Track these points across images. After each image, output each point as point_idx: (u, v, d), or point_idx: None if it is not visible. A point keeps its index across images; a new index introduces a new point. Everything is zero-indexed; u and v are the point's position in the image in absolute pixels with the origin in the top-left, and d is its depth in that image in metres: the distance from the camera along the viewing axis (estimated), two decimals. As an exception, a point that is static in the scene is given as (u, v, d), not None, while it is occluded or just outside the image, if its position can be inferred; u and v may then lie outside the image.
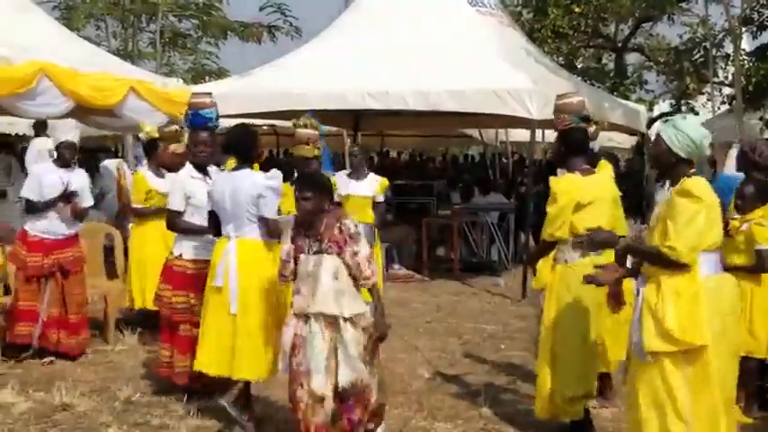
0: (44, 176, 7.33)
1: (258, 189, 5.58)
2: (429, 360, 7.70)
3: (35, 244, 7.33)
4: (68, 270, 7.48)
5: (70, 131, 7.55)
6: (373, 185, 8.61)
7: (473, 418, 6.08)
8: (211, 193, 5.79)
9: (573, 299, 5.44)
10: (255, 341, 5.52)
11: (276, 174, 5.74)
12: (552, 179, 5.51)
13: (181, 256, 6.20)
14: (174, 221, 6.25)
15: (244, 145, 5.80)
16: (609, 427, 5.93)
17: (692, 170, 4.44)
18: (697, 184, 4.36)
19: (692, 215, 4.29)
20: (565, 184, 5.45)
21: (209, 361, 5.59)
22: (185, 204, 6.18)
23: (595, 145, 6.37)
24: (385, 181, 8.72)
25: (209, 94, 6.57)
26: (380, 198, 8.68)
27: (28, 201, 7.37)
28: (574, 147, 5.56)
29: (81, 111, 8.92)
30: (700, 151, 4.42)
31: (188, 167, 6.30)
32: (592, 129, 6.10)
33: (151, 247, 7.91)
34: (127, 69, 10.30)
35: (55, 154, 7.46)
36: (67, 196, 7.28)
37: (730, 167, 6.90)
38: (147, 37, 20.05)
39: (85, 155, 19.88)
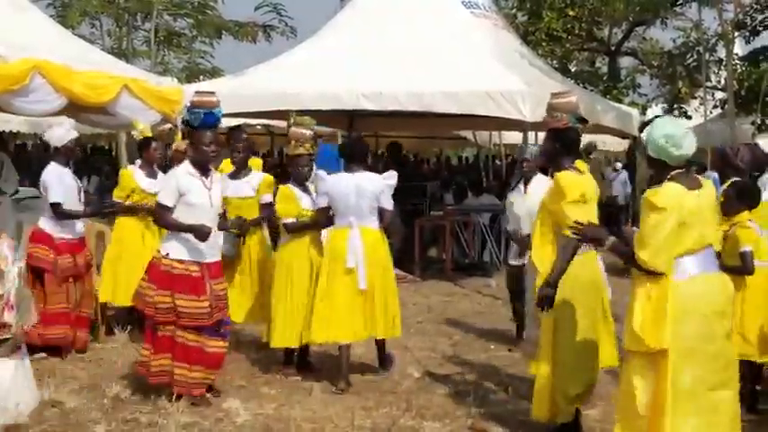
0: (64, 179, 7.44)
1: (381, 187, 6.89)
2: (419, 360, 7.73)
3: (63, 246, 7.41)
4: (90, 266, 7.67)
5: (73, 129, 7.62)
6: (255, 184, 7.62)
7: (461, 418, 6.09)
8: (330, 191, 6.86)
9: (571, 296, 5.45)
10: (382, 307, 6.88)
11: (393, 174, 7.08)
12: (560, 174, 5.40)
13: (168, 255, 6.15)
14: (162, 216, 6.21)
15: (362, 152, 7.12)
16: (597, 427, 5.95)
17: (675, 172, 4.47)
18: (660, 193, 4.41)
19: (654, 225, 4.38)
20: (573, 180, 5.40)
21: (344, 332, 6.76)
22: (176, 201, 6.14)
23: None
24: (269, 178, 7.82)
25: (214, 93, 6.54)
26: (267, 198, 7.62)
27: (58, 205, 7.36)
28: (569, 146, 5.56)
29: (74, 108, 8.92)
30: (664, 152, 4.45)
31: (185, 165, 6.28)
32: None
33: (128, 244, 8.09)
34: (122, 68, 10.30)
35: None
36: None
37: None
38: (142, 35, 20.05)
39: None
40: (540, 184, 7.22)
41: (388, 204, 6.97)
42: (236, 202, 7.38)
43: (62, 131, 7.50)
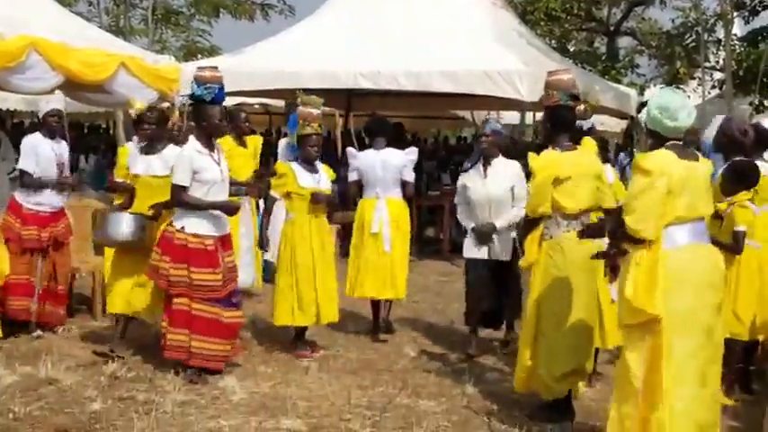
0: (39, 148, 7.37)
1: (404, 161, 7.82)
2: (415, 339, 7.77)
3: (30, 217, 7.36)
4: (61, 242, 7.56)
5: (55, 101, 7.58)
6: (169, 160, 6.65)
7: (457, 396, 6.12)
8: (360, 166, 7.81)
9: (559, 273, 5.47)
10: (401, 270, 7.79)
11: (414, 150, 8.04)
12: (531, 156, 5.57)
13: (183, 228, 6.17)
14: (181, 196, 6.19)
15: (385, 130, 8.06)
16: (593, 405, 5.97)
17: (670, 143, 4.47)
18: (649, 157, 4.42)
19: (641, 189, 4.38)
20: (542, 161, 5.52)
21: (372, 289, 7.68)
22: (191, 180, 6.15)
23: (585, 124, 6.36)
24: None
25: (218, 67, 6.51)
26: None
27: (25, 173, 7.37)
28: (560, 124, 5.59)
29: (70, 86, 8.89)
30: (659, 123, 4.46)
31: (192, 142, 6.26)
32: (582, 108, 6.11)
33: None
34: (119, 46, 10.26)
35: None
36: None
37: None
38: (140, 13, 19.99)
39: (76, 131, 19.89)
40: (503, 169, 7.16)
41: (410, 177, 7.91)
42: (146, 181, 6.89)
43: (43, 104, 7.52)
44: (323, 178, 7.13)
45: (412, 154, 7.92)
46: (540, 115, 14.38)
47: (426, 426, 5.52)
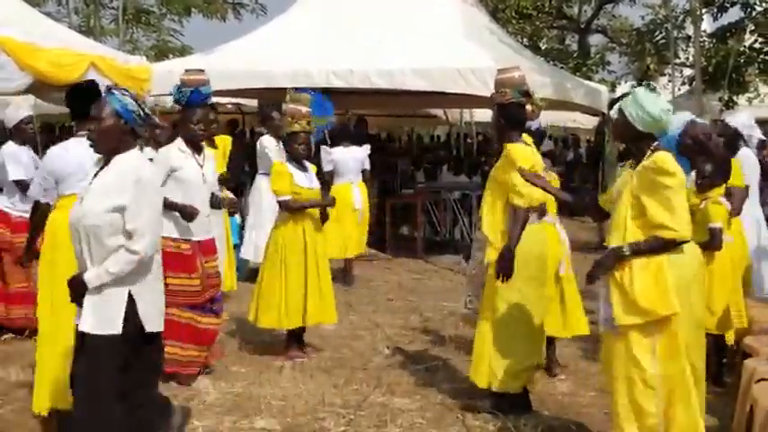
0: (20, 156, 7.34)
1: (364, 155, 10.69)
2: (389, 337, 7.77)
3: (20, 225, 7.18)
4: None
5: (25, 107, 7.53)
6: None
7: (431, 394, 6.15)
8: (335, 159, 10.36)
9: (516, 269, 5.48)
10: (362, 233, 10.71)
11: (368, 146, 10.92)
12: (510, 146, 5.47)
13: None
14: None
15: (350, 133, 10.86)
16: (565, 400, 6.02)
17: (656, 144, 4.48)
18: (667, 158, 4.40)
19: (675, 191, 4.35)
20: (523, 151, 5.47)
21: (351, 250, 10.41)
22: (165, 178, 6.05)
23: (533, 124, 6.38)
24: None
25: (203, 70, 6.50)
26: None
27: (22, 182, 7.16)
28: (514, 120, 5.63)
29: (39, 86, 8.81)
30: (658, 125, 4.45)
31: (178, 142, 6.25)
32: (529, 108, 6.13)
33: None
34: (89, 46, 10.16)
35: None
36: None
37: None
38: (110, 13, 19.87)
39: (48, 133, 19.71)
40: (116, 177, 4.05)
41: (368, 166, 10.78)
42: None
43: (12, 111, 7.44)
44: (314, 177, 7.10)
45: (367, 149, 10.81)
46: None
47: (401, 423, 5.55)
